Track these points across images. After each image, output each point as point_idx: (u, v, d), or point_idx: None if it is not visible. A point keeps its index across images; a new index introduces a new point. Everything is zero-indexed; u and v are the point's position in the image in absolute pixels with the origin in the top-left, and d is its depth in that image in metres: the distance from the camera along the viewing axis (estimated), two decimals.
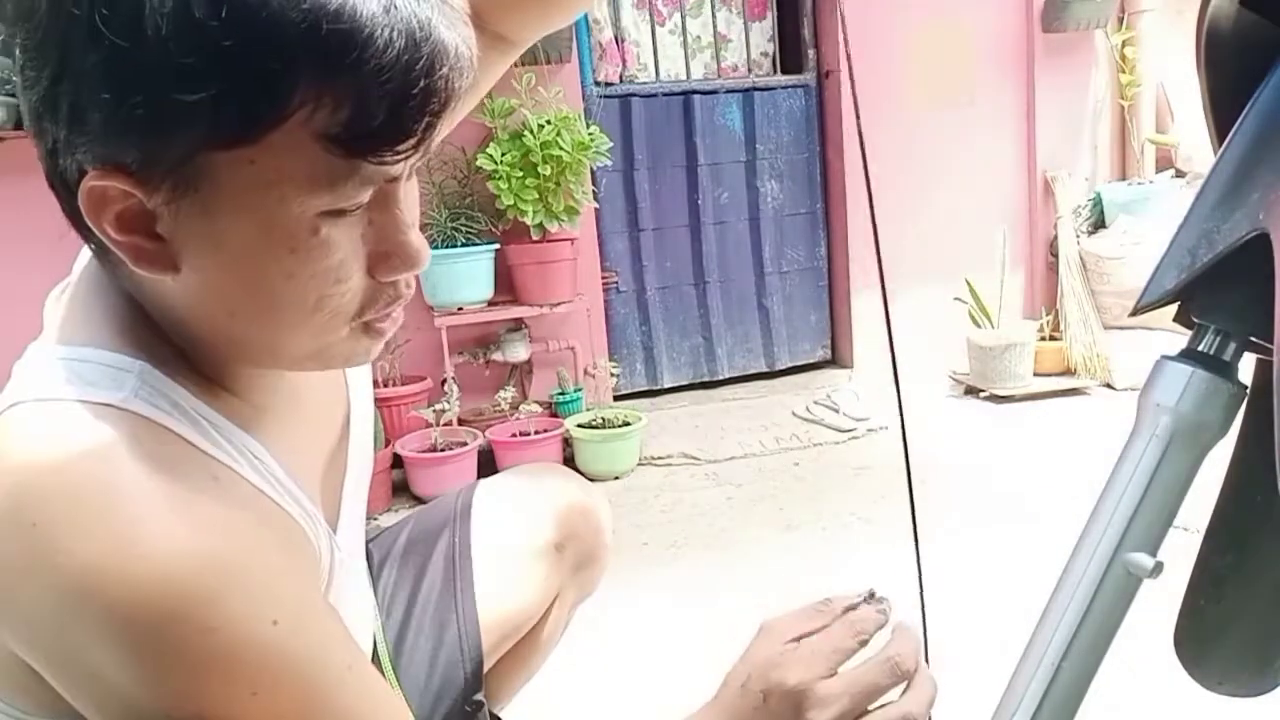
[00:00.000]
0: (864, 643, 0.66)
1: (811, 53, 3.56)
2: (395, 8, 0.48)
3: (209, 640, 0.49)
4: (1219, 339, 0.57)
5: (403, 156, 0.51)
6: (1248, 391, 0.58)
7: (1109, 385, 3.34)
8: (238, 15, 0.45)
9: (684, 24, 3.43)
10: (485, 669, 0.94)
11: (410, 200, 0.58)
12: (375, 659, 0.92)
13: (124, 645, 0.48)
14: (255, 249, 0.51)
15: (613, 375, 3.27)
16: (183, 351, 0.58)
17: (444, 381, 2.84)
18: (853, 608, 0.67)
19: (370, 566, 1.01)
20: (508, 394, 2.87)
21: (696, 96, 3.38)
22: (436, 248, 2.83)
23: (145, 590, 0.48)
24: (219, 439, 0.57)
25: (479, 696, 0.91)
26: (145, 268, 0.53)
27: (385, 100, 0.48)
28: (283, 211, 0.50)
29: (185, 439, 0.55)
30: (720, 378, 3.58)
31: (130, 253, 0.52)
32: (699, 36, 3.46)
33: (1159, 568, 0.56)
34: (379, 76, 0.47)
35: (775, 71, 3.57)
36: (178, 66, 0.45)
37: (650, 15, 3.37)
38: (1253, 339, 0.58)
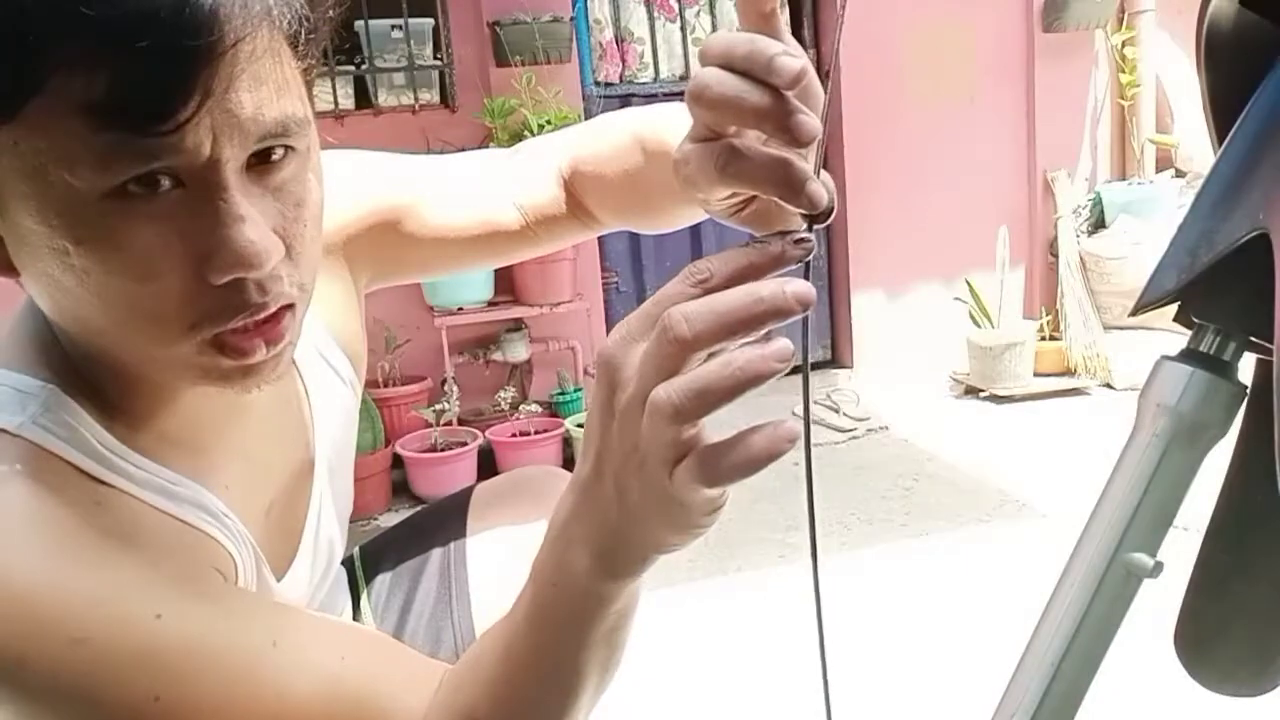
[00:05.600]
0: (703, 285, 0.40)
1: (811, 52, 3.56)
2: None
3: (80, 653, 0.48)
4: (1219, 339, 0.57)
5: (174, 121, 0.45)
6: (1248, 391, 0.58)
7: (1109, 385, 3.34)
8: None
9: (706, 18, 3.42)
10: None
11: (279, 199, 0.52)
12: None
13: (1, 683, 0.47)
14: (44, 240, 0.48)
15: None
16: (88, 373, 0.56)
17: (444, 381, 2.84)
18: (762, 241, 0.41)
19: (364, 572, 1.01)
20: (508, 394, 2.87)
21: None
22: None
23: (7, 629, 0.47)
24: (117, 463, 0.55)
25: None
26: None
27: (134, 60, 0.44)
28: (56, 195, 0.46)
29: (74, 465, 0.53)
30: None
31: None
32: (700, 38, 3.46)
33: (1159, 568, 0.56)
34: (119, 34, 0.43)
35: None
36: None
37: (649, 13, 3.37)
38: (1253, 339, 0.58)
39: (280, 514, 0.70)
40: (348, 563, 1.01)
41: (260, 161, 0.51)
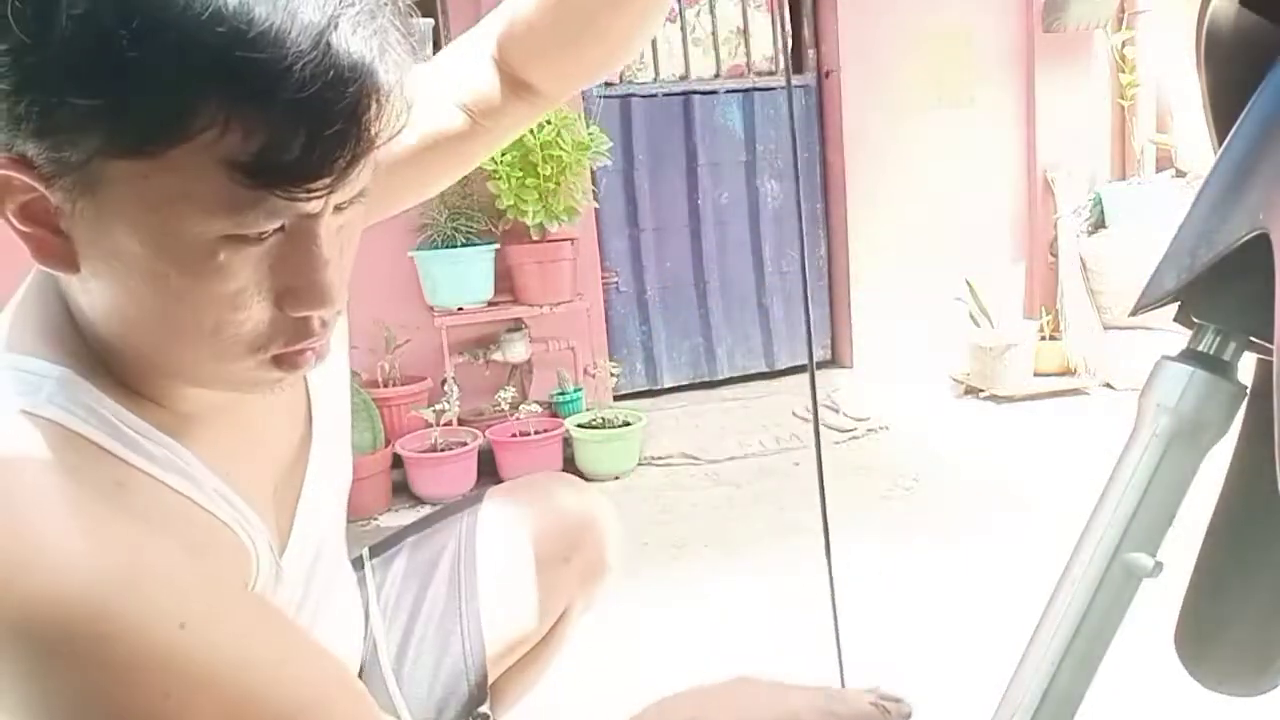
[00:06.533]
0: None
1: (811, 53, 3.56)
2: (328, 45, 0.46)
3: (104, 648, 0.49)
4: (1219, 339, 0.57)
5: (315, 195, 0.49)
6: (1248, 391, 0.58)
7: (1109, 385, 3.35)
8: (148, 29, 0.43)
9: (706, 19, 3.42)
10: (490, 681, 0.93)
11: (340, 236, 0.56)
12: (373, 665, 0.92)
13: (21, 662, 0.48)
14: (146, 264, 0.50)
15: (613, 375, 3.27)
16: (109, 360, 0.57)
17: (444, 381, 2.84)
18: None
19: (373, 574, 1.01)
20: (508, 394, 2.87)
21: (696, 96, 3.38)
22: (436, 248, 2.83)
23: (36, 606, 0.48)
24: (140, 442, 0.56)
25: (484, 709, 0.91)
26: (46, 262, 0.52)
27: (298, 136, 0.47)
28: (176, 231, 0.49)
29: (96, 444, 0.54)
30: (720, 378, 3.58)
31: (32, 244, 0.52)
32: (711, 33, 3.44)
33: (1159, 568, 0.56)
34: (294, 111, 0.46)
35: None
36: (78, 70, 0.44)
37: None
38: (1253, 339, 0.58)
39: (279, 488, 0.71)
40: (356, 563, 1.01)
41: (338, 205, 0.54)
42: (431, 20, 3.01)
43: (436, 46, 3.05)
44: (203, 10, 0.44)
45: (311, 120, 0.46)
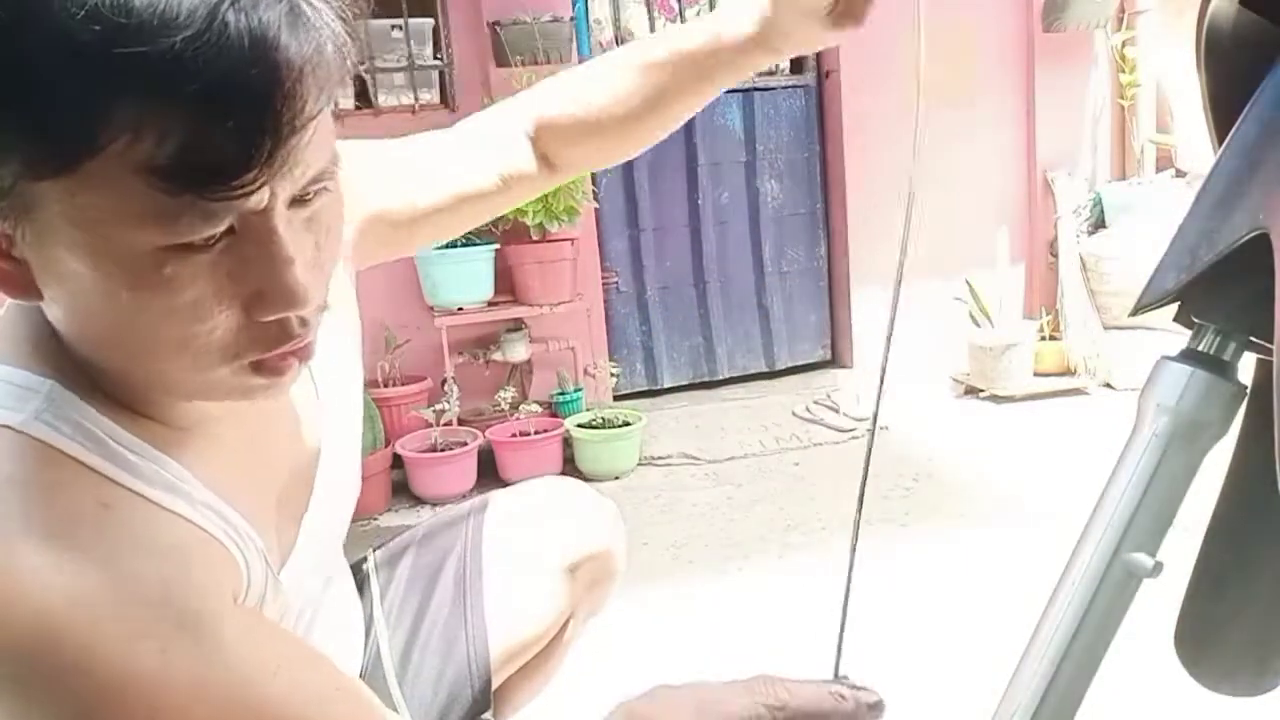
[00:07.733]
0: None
1: (812, 53, 3.57)
2: (224, 24, 0.42)
3: (85, 682, 0.48)
4: (1219, 339, 0.57)
5: (247, 191, 0.46)
6: (1248, 391, 0.58)
7: (1109, 385, 3.35)
8: (30, 40, 0.41)
9: (699, 19, 3.42)
10: (494, 686, 0.93)
11: (311, 229, 0.53)
12: (376, 670, 0.92)
13: (4, 690, 0.47)
14: (92, 283, 0.48)
15: (613, 375, 3.27)
16: (96, 375, 0.56)
17: (444, 381, 2.84)
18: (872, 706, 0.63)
19: (378, 577, 1.00)
20: (508, 394, 2.87)
21: None
22: (436, 248, 2.83)
23: (14, 634, 0.47)
24: (129, 459, 0.55)
25: (487, 715, 0.91)
26: (8, 292, 0.51)
27: (207, 130, 0.43)
28: (114, 247, 0.46)
29: (81, 462, 0.53)
30: (720, 378, 3.58)
31: None
32: None
33: (1159, 568, 0.56)
34: (196, 103, 0.43)
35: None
36: None
37: (649, 13, 3.36)
38: (1253, 339, 0.58)
39: (284, 501, 0.70)
40: (360, 567, 1.01)
41: (299, 197, 0.51)
42: (431, 20, 3.01)
43: (436, 45, 3.05)
44: (77, 10, 0.41)
45: (217, 110, 0.43)
